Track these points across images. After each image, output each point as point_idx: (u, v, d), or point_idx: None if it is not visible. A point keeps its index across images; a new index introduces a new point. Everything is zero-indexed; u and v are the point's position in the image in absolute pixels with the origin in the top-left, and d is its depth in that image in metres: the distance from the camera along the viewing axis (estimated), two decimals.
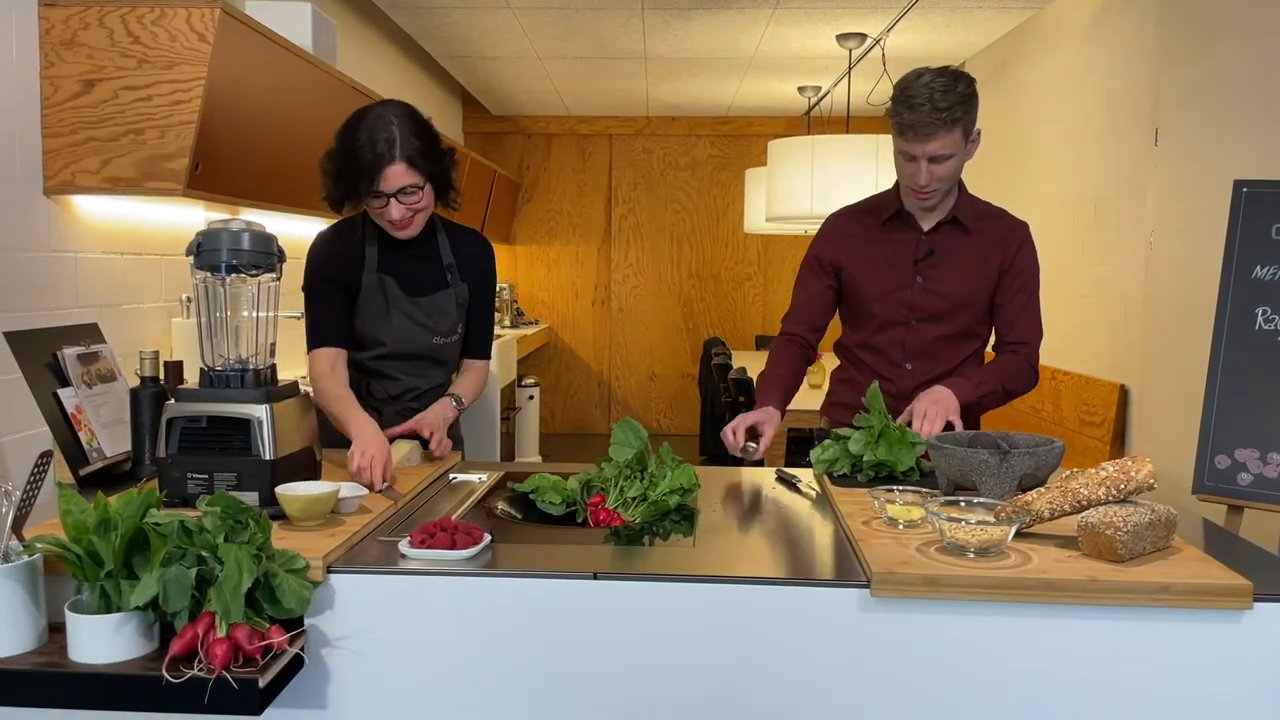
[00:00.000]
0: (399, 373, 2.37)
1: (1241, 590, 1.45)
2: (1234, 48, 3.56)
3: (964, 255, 2.36)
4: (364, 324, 2.32)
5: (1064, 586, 1.46)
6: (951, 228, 2.37)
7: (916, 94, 2.17)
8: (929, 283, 2.36)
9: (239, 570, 1.41)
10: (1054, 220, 5.07)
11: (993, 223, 2.40)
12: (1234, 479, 2.93)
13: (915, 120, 2.16)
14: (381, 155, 2.13)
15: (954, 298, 2.35)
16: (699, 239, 8.12)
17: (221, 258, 1.80)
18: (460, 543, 1.59)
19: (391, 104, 2.24)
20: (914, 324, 2.37)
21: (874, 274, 2.39)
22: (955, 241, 2.36)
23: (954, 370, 2.36)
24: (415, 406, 2.35)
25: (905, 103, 2.18)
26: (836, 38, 5.38)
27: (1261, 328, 2.96)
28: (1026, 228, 2.43)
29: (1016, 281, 2.38)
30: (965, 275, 2.35)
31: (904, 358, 2.38)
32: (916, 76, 2.20)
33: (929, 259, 2.36)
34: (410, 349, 2.36)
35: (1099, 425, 4.50)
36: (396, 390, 2.38)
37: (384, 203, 2.18)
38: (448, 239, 2.41)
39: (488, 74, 6.62)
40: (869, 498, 1.82)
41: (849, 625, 1.51)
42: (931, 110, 2.15)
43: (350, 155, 2.15)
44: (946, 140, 2.19)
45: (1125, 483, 1.59)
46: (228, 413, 1.76)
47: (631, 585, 1.53)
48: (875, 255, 2.40)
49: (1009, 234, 2.39)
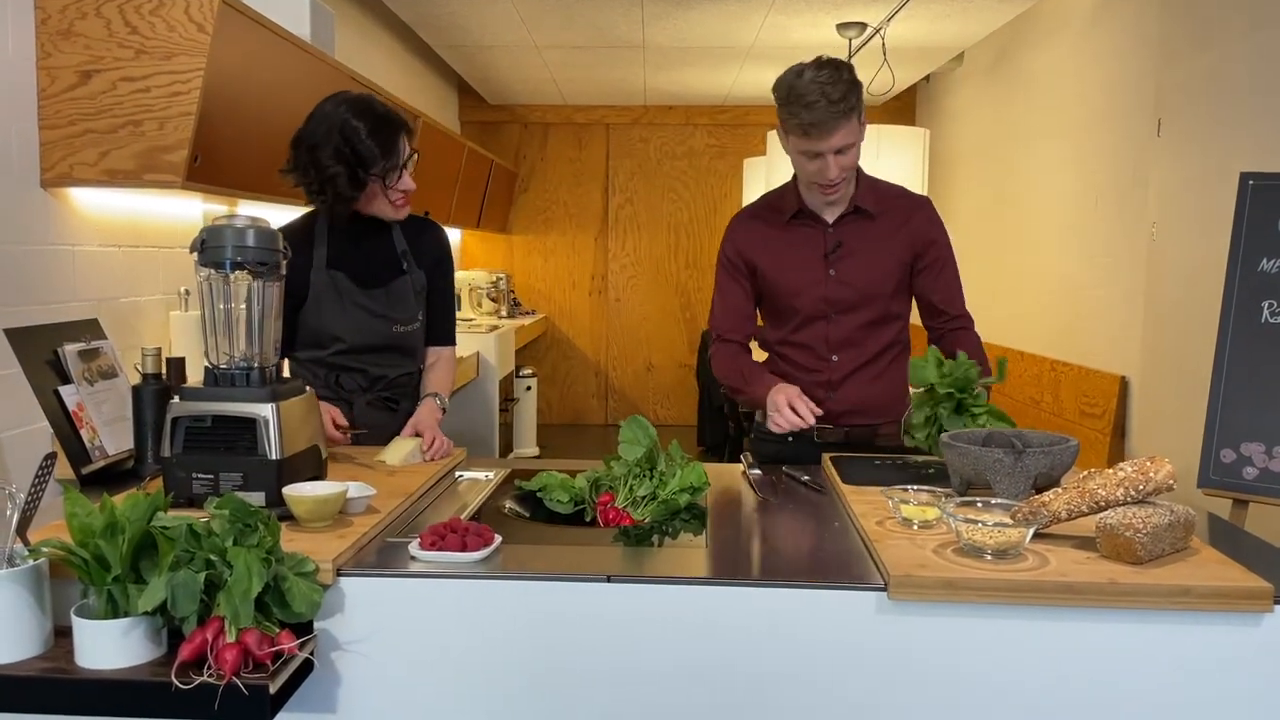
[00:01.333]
0: (364, 365, 2.37)
1: (1262, 593, 1.44)
2: (1237, 40, 3.54)
3: (872, 243, 2.38)
4: (320, 322, 2.32)
5: (1084, 589, 1.45)
6: (855, 217, 2.39)
7: (807, 92, 2.17)
8: (842, 275, 2.37)
9: (249, 574, 1.39)
10: (1055, 211, 5.05)
11: (895, 202, 2.42)
12: (1240, 473, 2.92)
13: (814, 118, 2.17)
14: (403, 123, 2.23)
15: (869, 287, 2.37)
16: (696, 228, 8.08)
17: (226, 255, 1.78)
18: (471, 544, 1.57)
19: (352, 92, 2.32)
20: (834, 317, 2.39)
21: (787, 273, 2.40)
22: (861, 230, 2.38)
23: (881, 354, 2.39)
24: (388, 395, 2.36)
25: (798, 102, 2.18)
26: (836, 27, 5.35)
27: (1268, 321, 2.95)
28: (929, 202, 2.47)
29: (939, 260, 2.41)
30: (876, 262, 2.38)
31: (829, 350, 2.40)
32: (798, 75, 2.20)
33: (838, 251, 2.37)
34: (369, 341, 2.36)
35: (1099, 417, 4.49)
36: (365, 382, 2.38)
37: (399, 174, 2.24)
38: (400, 228, 2.41)
39: (485, 63, 6.58)
40: (883, 497, 1.80)
41: (866, 628, 1.49)
42: (828, 105, 2.16)
43: (363, 136, 2.18)
44: (847, 130, 2.21)
45: (1144, 483, 1.57)
46: (233, 412, 1.74)
47: (646, 588, 1.51)
48: (785, 254, 2.41)
49: (914, 212, 2.42)
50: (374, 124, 2.19)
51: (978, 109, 6.19)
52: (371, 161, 2.20)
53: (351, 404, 2.31)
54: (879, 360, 2.42)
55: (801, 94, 2.17)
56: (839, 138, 2.21)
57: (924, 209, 2.44)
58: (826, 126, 2.18)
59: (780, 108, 2.24)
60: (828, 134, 2.19)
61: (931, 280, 2.42)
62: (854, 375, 2.40)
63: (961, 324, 2.45)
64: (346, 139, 2.17)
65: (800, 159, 2.29)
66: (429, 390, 2.41)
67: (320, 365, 2.33)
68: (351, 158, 2.18)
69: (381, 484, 1.94)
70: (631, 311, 8.14)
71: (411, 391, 2.42)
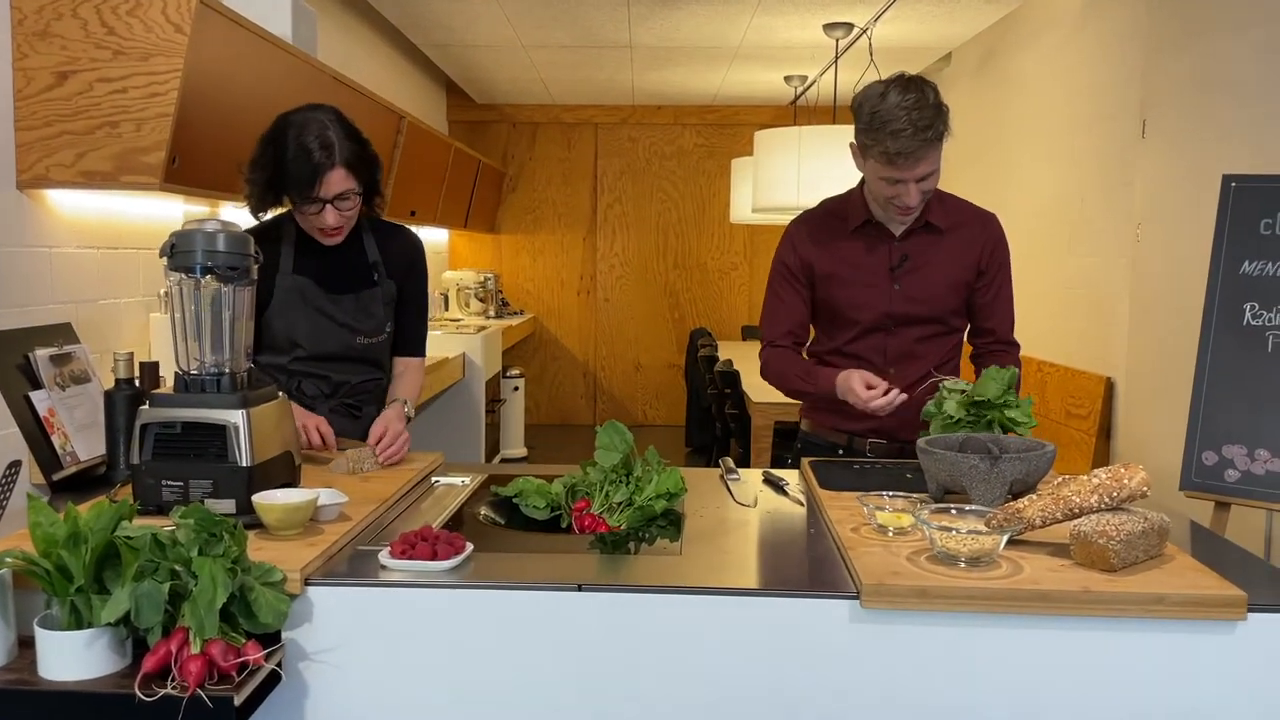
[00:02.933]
0: (325, 372, 2.33)
1: (1236, 601, 1.43)
2: (1221, 41, 3.54)
3: (939, 258, 2.32)
4: (281, 327, 2.28)
5: (1057, 598, 1.44)
6: (924, 231, 2.32)
7: (893, 118, 2.07)
8: (907, 289, 2.31)
9: (213, 585, 1.37)
10: (1042, 211, 5.05)
11: (964, 218, 2.36)
12: (1221, 475, 2.92)
13: (901, 148, 2.08)
14: (321, 163, 2.10)
15: (933, 302, 2.32)
16: (685, 229, 8.08)
17: (196, 259, 1.76)
18: (442, 553, 1.56)
19: (323, 108, 2.20)
20: (894, 330, 2.33)
21: (850, 284, 2.33)
22: (929, 244, 2.32)
23: (937, 369, 2.34)
24: (351, 401, 2.33)
25: (883, 129, 2.08)
26: (823, 27, 5.34)
27: (1250, 323, 2.95)
28: (997, 221, 2.40)
29: (997, 279, 2.37)
30: (942, 278, 2.32)
31: (886, 363, 2.34)
32: (881, 97, 2.10)
33: (904, 265, 2.31)
34: (330, 350, 2.31)
35: (1085, 418, 4.49)
36: (327, 388, 2.33)
37: (319, 209, 2.15)
38: (373, 236, 2.37)
39: (471, 62, 6.56)
40: (858, 504, 1.79)
41: (839, 637, 1.48)
42: (915, 134, 2.07)
43: (286, 161, 2.11)
44: (933, 157, 2.14)
45: (1118, 490, 1.56)
46: (203, 418, 1.72)
47: (617, 596, 1.50)
48: (849, 264, 2.33)
49: (983, 229, 2.36)
50: (298, 152, 2.10)
51: (965, 109, 6.18)
52: (284, 184, 2.14)
53: (314, 409, 2.27)
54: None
55: (886, 120, 2.07)
56: (924, 167, 2.12)
57: (992, 226, 2.37)
58: (914, 156, 2.08)
59: (861, 131, 2.14)
60: (913, 165, 2.10)
61: (989, 300, 2.36)
62: (910, 389, 2.28)
63: (1005, 348, 2.38)
64: (276, 150, 2.12)
65: (879, 182, 2.20)
66: (395, 396, 2.37)
67: (281, 371, 2.28)
68: (272, 170, 2.14)
69: (355, 490, 1.92)
70: (620, 311, 8.13)
71: (377, 398, 2.38)
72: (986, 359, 2.40)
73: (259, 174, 2.17)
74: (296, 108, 2.22)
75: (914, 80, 2.13)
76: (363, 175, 2.20)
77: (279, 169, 2.13)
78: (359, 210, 2.25)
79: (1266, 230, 2.96)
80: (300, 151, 2.10)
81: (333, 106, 2.24)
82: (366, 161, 2.20)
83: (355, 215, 2.25)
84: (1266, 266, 2.95)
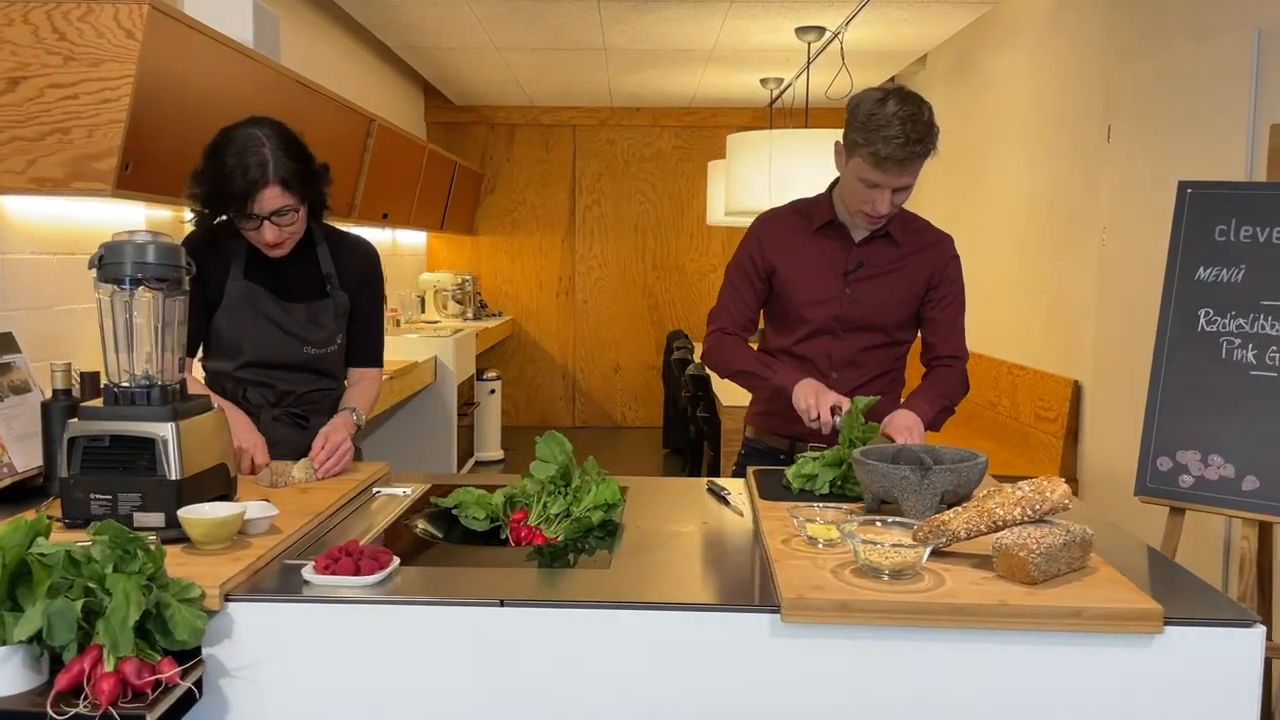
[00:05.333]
0: (271, 380, 2.31)
1: (1152, 614, 1.43)
2: (1182, 47, 3.55)
3: (893, 268, 2.34)
4: (229, 333, 2.27)
5: (974, 611, 1.44)
6: (883, 241, 2.35)
7: (888, 125, 2.10)
8: (857, 295, 2.34)
9: (127, 602, 1.37)
10: (1012, 216, 5.06)
11: (920, 235, 2.39)
12: (1175, 480, 2.93)
13: (892, 153, 2.11)
14: (254, 180, 2.08)
15: (881, 310, 2.34)
16: (663, 230, 8.07)
17: (125, 271, 1.75)
18: (365, 568, 1.55)
19: (262, 122, 2.17)
20: (841, 334, 2.36)
21: (805, 282, 2.36)
22: (885, 254, 2.35)
23: (879, 378, 2.35)
24: (297, 411, 2.31)
25: (878, 132, 2.10)
26: (795, 30, 5.34)
27: (1204, 329, 2.96)
28: (952, 242, 2.43)
29: (947, 296, 2.38)
30: (893, 289, 2.34)
31: (830, 367, 2.37)
32: (880, 103, 2.13)
33: (859, 271, 2.33)
34: (277, 359, 2.29)
35: (1053, 421, 4.50)
36: (273, 397, 2.31)
37: (257, 225, 2.14)
38: (327, 248, 2.35)
39: (446, 64, 6.54)
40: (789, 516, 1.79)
41: (760, 652, 1.48)
42: (907, 144, 2.10)
43: (220, 179, 2.09)
44: (914, 171, 2.17)
45: (1040, 503, 1.57)
46: (131, 431, 1.71)
47: (539, 612, 1.50)
48: (807, 262, 2.37)
49: (938, 249, 2.39)
50: (233, 169, 2.08)
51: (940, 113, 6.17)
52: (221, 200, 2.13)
53: (258, 418, 2.26)
54: (875, 384, 2.38)
55: (883, 125, 2.10)
56: (906, 178, 2.17)
57: (947, 246, 2.41)
58: (900, 165, 2.12)
59: (853, 129, 2.16)
60: (898, 172, 2.14)
61: (936, 314, 2.39)
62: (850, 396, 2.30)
63: (948, 362, 2.40)
64: (213, 166, 2.11)
65: (856, 184, 2.22)
66: (347, 405, 2.35)
67: (227, 378, 2.27)
68: (210, 186, 2.12)
69: (291, 502, 1.91)
70: (599, 313, 8.12)
71: (326, 408, 2.35)
72: (935, 373, 2.42)
73: (200, 188, 2.16)
74: (236, 122, 2.20)
75: (913, 95, 2.17)
76: (301, 190, 2.17)
77: (215, 184, 2.12)
78: (303, 223, 2.23)
79: (1221, 236, 2.97)
80: (235, 168, 2.08)
81: (273, 120, 2.21)
82: (304, 177, 2.18)
83: (299, 229, 2.23)
84: (1221, 273, 2.96)
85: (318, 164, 2.25)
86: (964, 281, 2.43)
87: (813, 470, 2.03)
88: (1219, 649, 1.45)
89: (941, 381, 2.38)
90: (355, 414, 2.30)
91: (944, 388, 2.36)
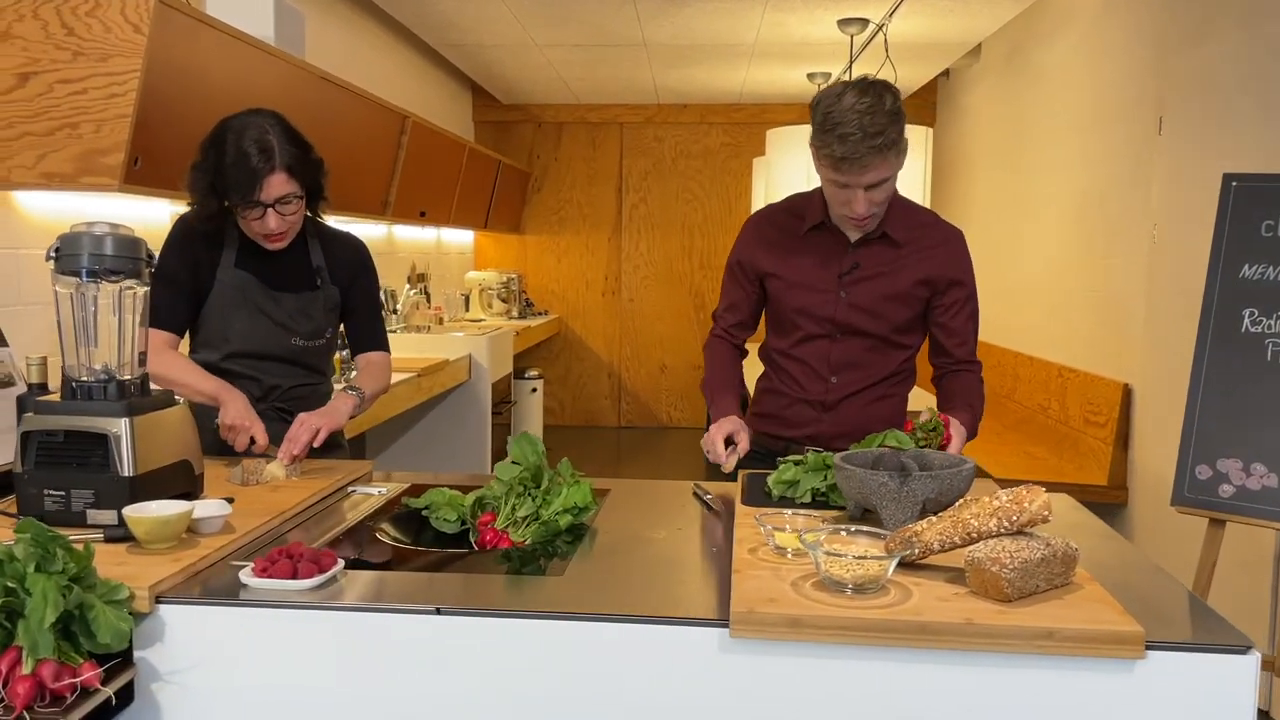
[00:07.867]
0: (257, 373, 2.28)
1: (1133, 637, 1.31)
2: (1236, 35, 3.36)
3: (890, 269, 2.21)
4: (217, 322, 2.25)
5: (937, 630, 1.33)
6: (880, 242, 2.22)
7: (844, 121, 1.98)
8: (853, 297, 2.22)
9: (45, 602, 1.33)
10: (1064, 212, 4.87)
11: (925, 234, 2.24)
12: (1215, 490, 2.76)
13: (847, 152, 1.99)
14: (259, 166, 2.07)
15: (879, 314, 2.22)
16: (711, 229, 7.97)
17: (82, 263, 1.72)
18: (303, 571, 1.49)
19: (263, 112, 2.17)
20: (838, 337, 2.24)
21: (797, 285, 2.25)
22: (882, 255, 2.22)
23: (883, 381, 2.24)
24: (282, 405, 2.28)
25: (832, 132, 1.99)
26: (837, 23, 5.21)
27: (1249, 330, 2.78)
28: (960, 237, 2.28)
29: (958, 300, 2.24)
30: (891, 290, 2.21)
31: (829, 370, 2.25)
32: (838, 98, 2.02)
33: (854, 273, 2.22)
34: (263, 350, 2.27)
35: (1103, 425, 4.31)
36: (258, 391, 2.28)
37: (260, 214, 2.12)
38: (319, 242, 2.34)
39: (490, 62, 6.53)
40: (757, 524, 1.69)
41: (707, 668, 1.39)
42: (864, 139, 1.97)
43: (225, 165, 2.08)
44: (882, 167, 2.04)
45: (1018, 514, 1.45)
46: (84, 427, 1.68)
47: (476, 621, 1.42)
48: (798, 266, 2.26)
49: (943, 247, 2.24)
50: (237, 156, 2.07)
51: (992, 106, 5.99)
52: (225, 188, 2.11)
53: None
54: (879, 387, 2.27)
55: (837, 123, 1.99)
56: (871, 174, 2.03)
57: (953, 243, 2.26)
58: (859, 162, 2.00)
59: (813, 132, 2.06)
60: (859, 171, 2.02)
61: (946, 319, 2.26)
62: (850, 399, 2.26)
63: (965, 367, 2.28)
64: (215, 154, 2.10)
65: (829, 186, 2.13)
66: (354, 383, 2.31)
67: (213, 369, 2.24)
68: (213, 174, 2.11)
69: (256, 501, 1.87)
70: (645, 312, 8.05)
71: (313, 404, 2.31)
72: (947, 380, 2.30)
73: (200, 178, 2.15)
74: (236, 113, 2.19)
75: (875, 84, 2.04)
76: (304, 178, 2.18)
77: (219, 173, 2.11)
78: (302, 214, 2.23)
79: (1268, 232, 2.79)
80: (239, 156, 2.09)
81: (274, 111, 2.22)
82: (308, 165, 2.19)
83: (299, 219, 2.23)
84: (1267, 270, 2.78)
85: (316, 154, 2.23)
86: (975, 279, 2.30)
87: (794, 476, 1.92)
88: (1208, 677, 1.32)
89: (967, 390, 2.27)
90: (357, 393, 2.27)
91: (973, 397, 2.25)
